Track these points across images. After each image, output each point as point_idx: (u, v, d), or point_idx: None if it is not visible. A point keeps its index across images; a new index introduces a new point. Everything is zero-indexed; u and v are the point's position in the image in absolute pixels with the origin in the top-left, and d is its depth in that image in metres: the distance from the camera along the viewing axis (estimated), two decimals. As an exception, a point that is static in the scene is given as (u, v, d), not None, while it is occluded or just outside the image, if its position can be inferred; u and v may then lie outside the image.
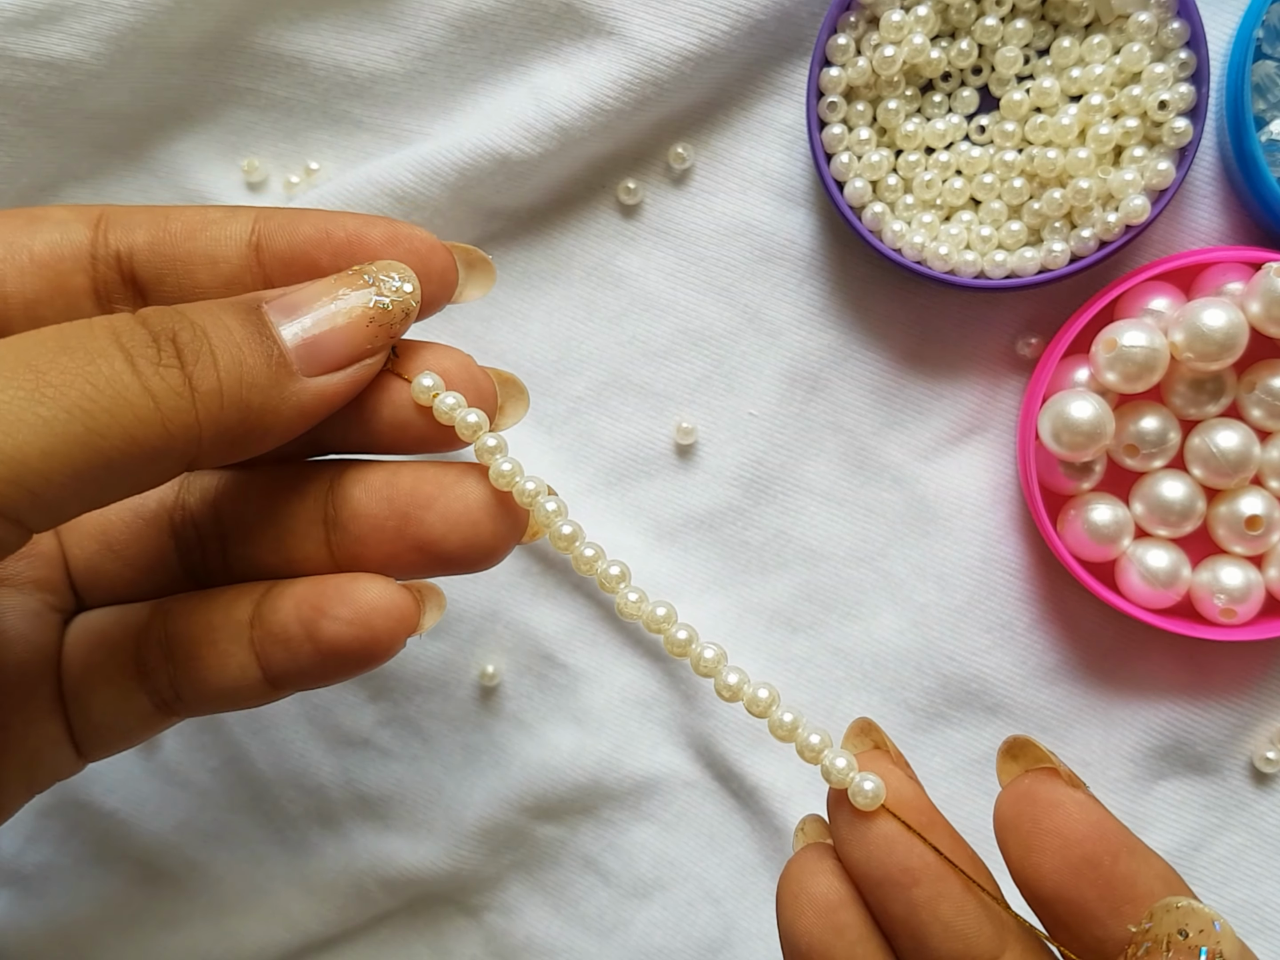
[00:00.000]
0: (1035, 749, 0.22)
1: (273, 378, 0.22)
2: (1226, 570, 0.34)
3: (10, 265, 0.24)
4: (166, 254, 0.24)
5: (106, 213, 0.25)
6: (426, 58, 0.37)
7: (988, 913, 0.22)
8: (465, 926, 0.40)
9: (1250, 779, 0.37)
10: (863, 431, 0.38)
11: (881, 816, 0.22)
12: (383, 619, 0.24)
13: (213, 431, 0.21)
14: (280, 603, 0.24)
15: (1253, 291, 0.32)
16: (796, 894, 0.23)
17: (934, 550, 0.37)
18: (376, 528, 0.24)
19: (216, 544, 0.26)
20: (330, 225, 0.24)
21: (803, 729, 0.23)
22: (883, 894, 0.22)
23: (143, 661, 0.25)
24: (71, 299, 0.24)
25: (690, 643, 0.24)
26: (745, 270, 0.37)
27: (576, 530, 0.24)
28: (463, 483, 0.24)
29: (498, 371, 0.26)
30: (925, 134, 0.35)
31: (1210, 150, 0.36)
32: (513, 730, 0.39)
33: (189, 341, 0.21)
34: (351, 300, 0.23)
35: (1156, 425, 0.34)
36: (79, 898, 0.39)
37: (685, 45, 0.35)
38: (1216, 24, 0.35)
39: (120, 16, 0.34)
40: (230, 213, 0.25)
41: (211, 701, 0.25)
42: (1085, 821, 0.21)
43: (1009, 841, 0.22)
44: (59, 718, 0.26)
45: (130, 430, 0.20)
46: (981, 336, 0.37)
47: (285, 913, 0.39)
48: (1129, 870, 0.21)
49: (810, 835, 0.24)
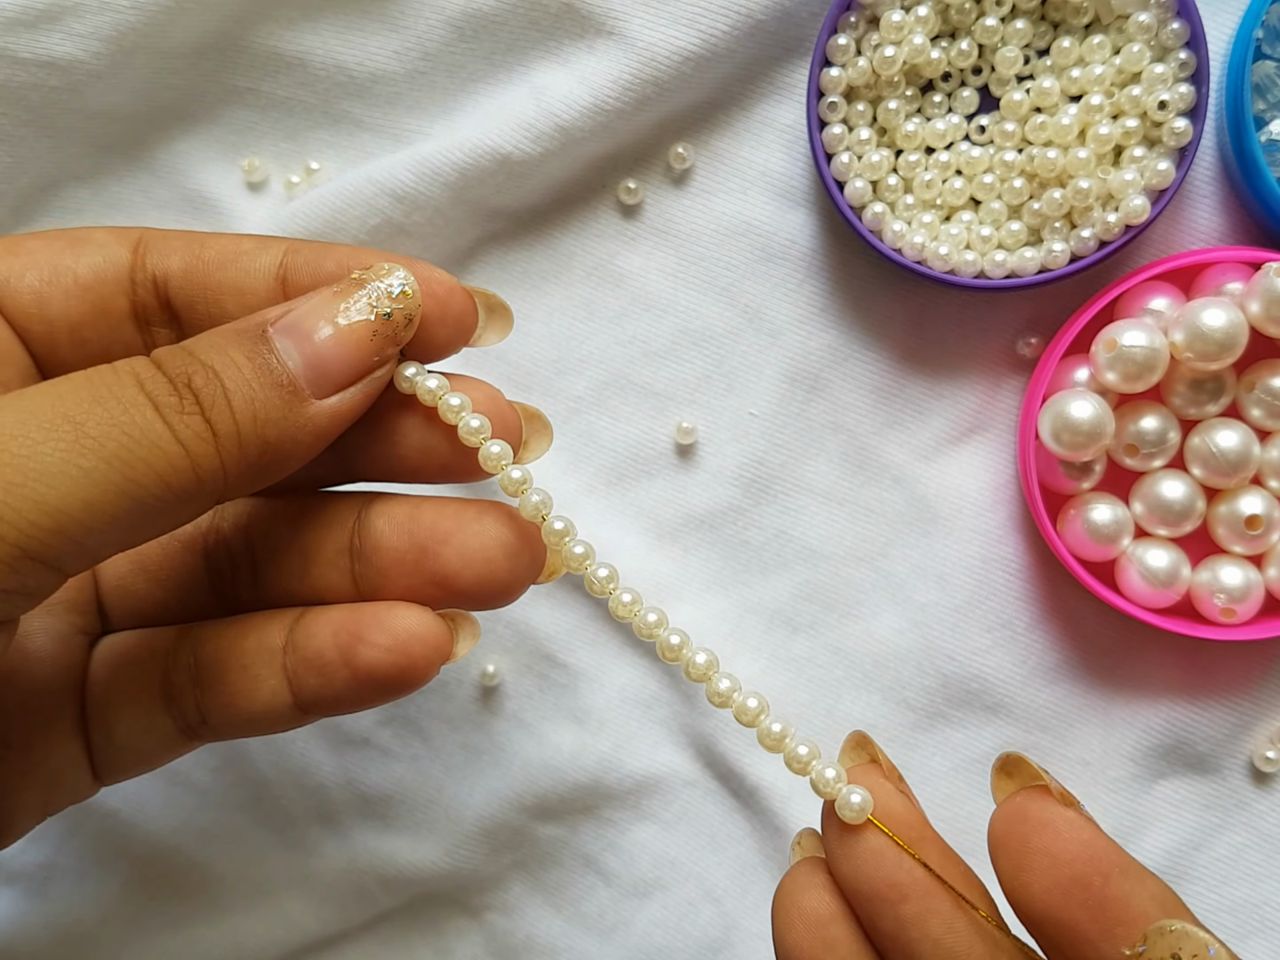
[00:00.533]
0: (1028, 766, 0.22)
1: (286, 409, 0.22)
2: (1226, 570, 0.34)
3: (55, 288, 0.25)
4: (199, 282, 0.25)
5: (145, 236, 0.25)
6: (426, 58, 0.37)
7: (979, 930, 0.21)
8: (466, 926, 0.40)
9: (1250, 779, 0.37)
10: (863, 431, 0.38)
11: (870, 830, 0.22)
12: (420, 646, 0.24)
13: (236, 469, 0.22)
14: (316, 629, 0.25)
15: (1252, 291, 0.32)
16: (788, 908, 0.23)
17: (934, 550, 0.38)
18: (397, 560, 0.25)
19: (248, 569, 0.26)
20: (354, 263, 0.24)
21: (790, 739, 0.23)
22: (872, 909, 0.22)
23: (169, 685, 0.26)
24: (113, 321, 0.25)
25: (682, 647, 0.24)
26: (745, 270, 0.37)
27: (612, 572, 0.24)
28: (481, 520, 0.25)
29: (524, 406, 0.26)
30: (925, 134, 0.35)
31: (1210, 150, 0.36)
32: (513, 730, 0.39)
33: (203, 386, 0.21)
34: (353, 314, 0.23)
35: (1156, 425, 0.34)
36: (79, 898, 0.39)
37: (685, 45, 0.35)
38: (1216, 24, 0.35)
39: (120, 16, 0.34)
40: (262, 244, 0.25)
41: (239, 726, 0.26)
42: (1075, 841, 0.21)
43: (1000, 861, 0.21)
44: (80, 740, 0.26)
45: (165, 477, 0.21)
46: (981, 336, 0.37)
47: (285, 913, 0.39)
48: (1121, 891, 0.20)
49: (806, 849, 0.24)
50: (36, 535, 0.19)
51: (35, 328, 0.25)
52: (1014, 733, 0.37)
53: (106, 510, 0.20)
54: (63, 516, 0.19)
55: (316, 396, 0.23)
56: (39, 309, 0.25)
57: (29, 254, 0.25)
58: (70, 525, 0.20)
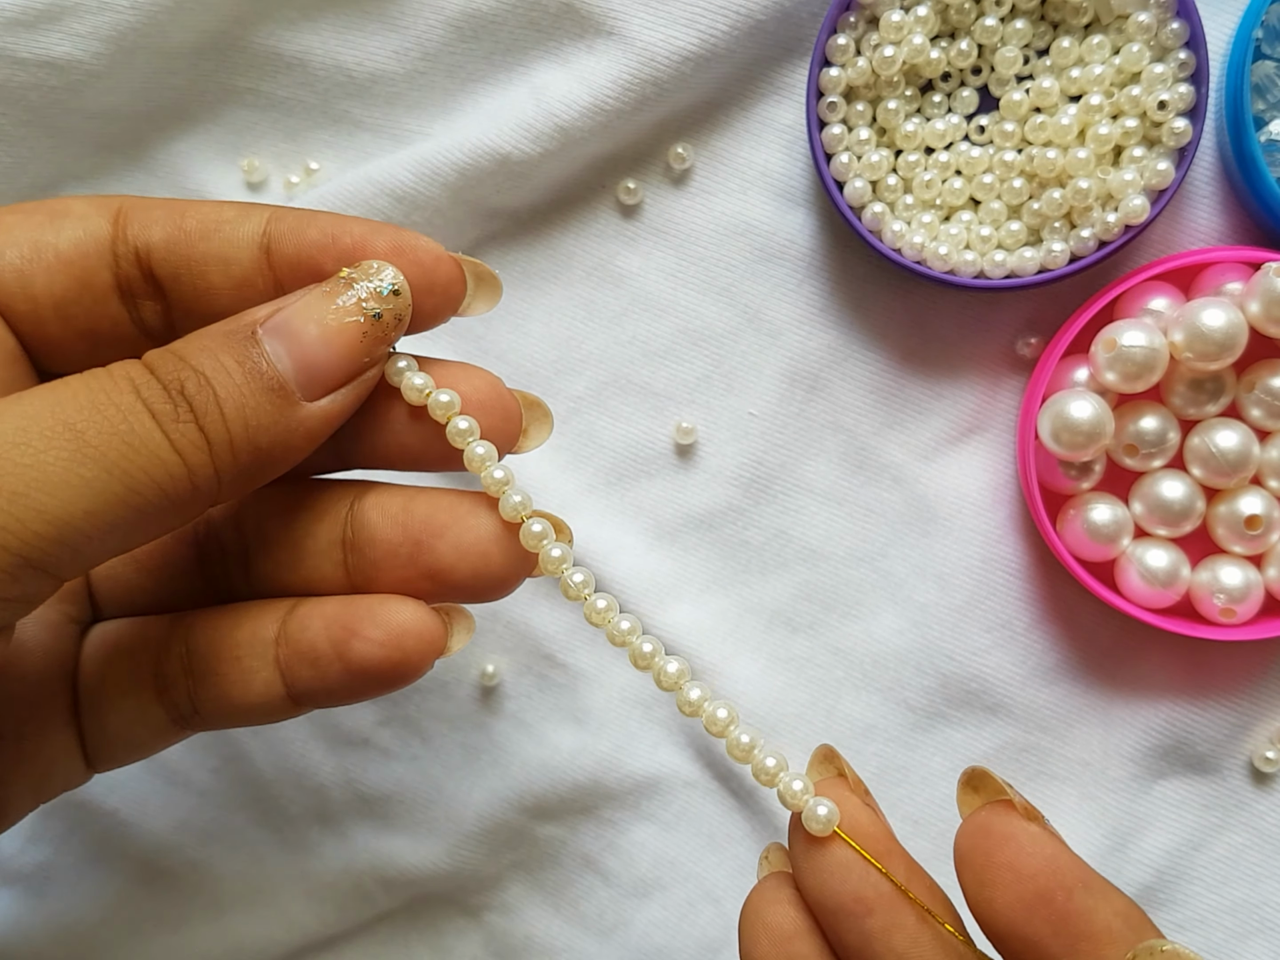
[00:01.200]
0: (993, 781, 0.22)
1: (277, 414, 0.22)
2: (1226, 570, 0.34)
3: (38, 265, 0.24)
4: (182, 253, 0.24)
5: (125, 206, 0.25)
6: (426, 58, 0.37)
7: (944, 945, 0.21)
8: (465, 926, 0.40)
9: (1250, 779, 0.37)
10: (863, 431, 0.38)
11: (836, 844, 0.22)
12: (414, 641, 0.24)
13: (230, 475, 0.22)
14: (309, 621, 0.24)
15: (1252, 291, 0.32)
16: (754, 923, 0.23)
17: (934, 550, 0.37)
18: (391, 553, 0.25)
19: (239, 558, 0.26)
20: (337, 231, 0.24)
21: (759, 750, 0.23)
22: (837, 923, 0.22)
23: (161, 675, 0.26)
24: (98, 295, 0.25)
25: (654, 655, 0.24)
26: (745, 270, 0.37)
27: (588, 577, 0.24)
28: (476, 513, 0.24)
29: (524, 394, 0.26)
30: (925, 134, 0.35)
31: (1210, 150, 0.36)
32: (513, 730, 0.39)
33: (195, 393, 0.21)
34: (343, 315, 0.23)
35: (1156, 425, 0.34)
36: (79, 898, 0.39)
37: (685, 45, 0.35)
38: (1216, 24, 0.35)
39: (120, 16, 0.34)
40: (243, 212, 0.24)
41: (231, 717, 0.26)
42: (1039, 856, 0.21)
43: (964, 875, 0.21)
44: (72, 728, 0.26)
45: (163, 485, 0.21)
46: (981, 336, 0.37)
47: (285, 913, 0.39)
48: (1084, 906, 0.20)
49: (774, 864, 0.24)
50: (38, 544, 0.19)
51: (20, 307, 0.24)
52: (1014, 733, 0.37)
53: (106, 518, 0.20)
54: (64, 526, 0.19)
55: (307, 399, 0.22)
56: (22, 288, 0.24)
57: (7, 230, 0.24)
58: (71, 534, 0.20)
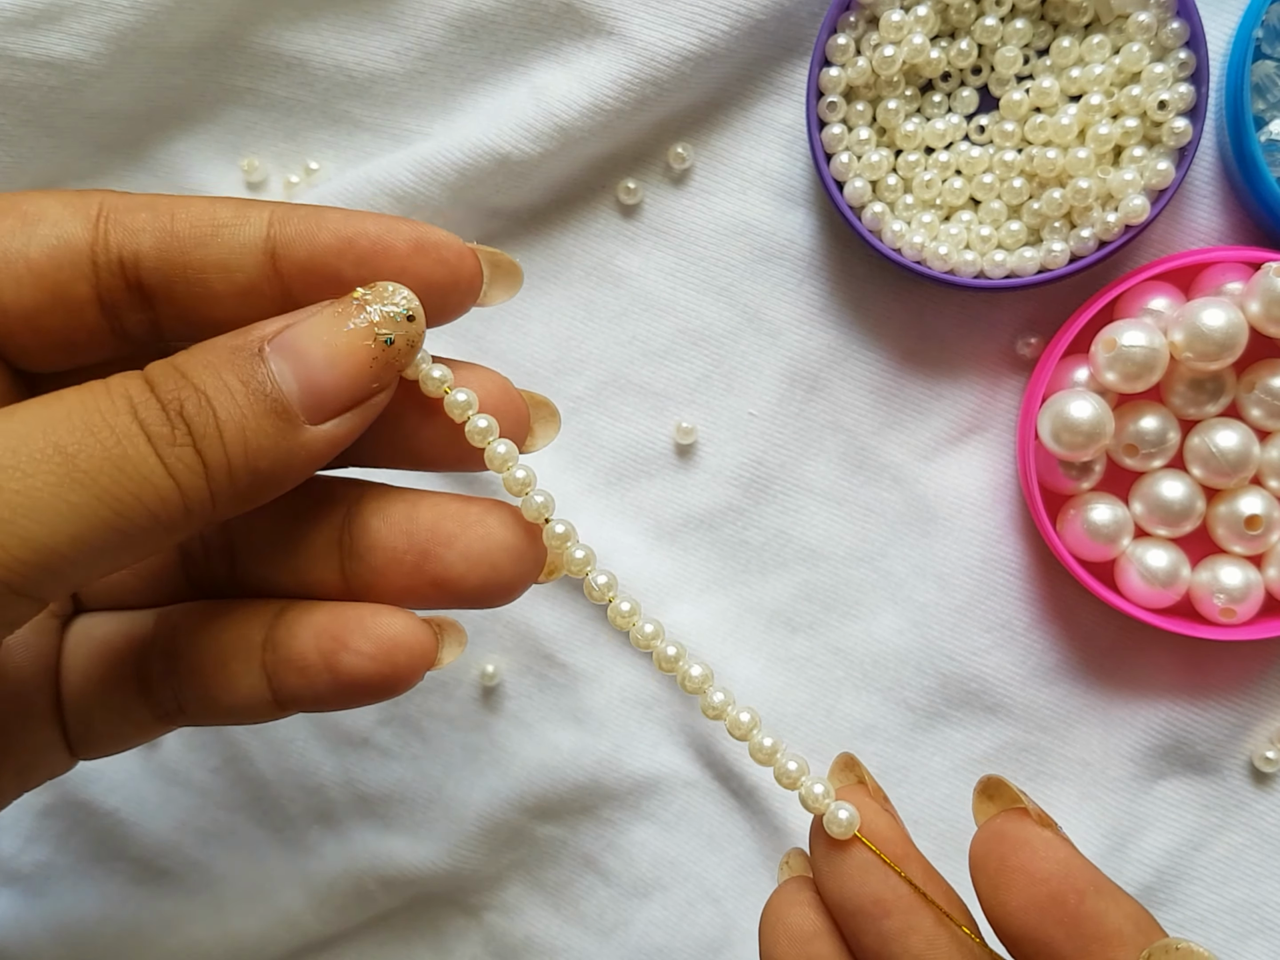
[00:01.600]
0: (1008, 789, 0.23)
1: (279, 436, 0.21)
2: (1226, 570, 0.34)
3: (6, 275, 0.23)
4: (176, 261, 0.23)
5: (105, 206, 0.23)
6: (426, 58, 0.37)
7: (960, 947, 0.22)
8: (465, 926, 0.40)
9: (1250, 779, 0.37)
10: (863, 431, 0.38)
11: (856, 847, 0.22)
12: (404, 654, 0.24)
13: (226, 499, 0.21)
14: (297, 630, 0.24)
15: (1252, 291, 0.32)
16: (774, 924, 0.23)
17: (934, 550, 0.37)
18: (394, 560, 0.24)
19: (223, 558, 0.26)
20: (352, 233, 0.23)
21: (781, 754, 0.23)
22: (856, 925, 0.22)
23: (145, 672, 0.25)
24: (74, 308, 0.23)
25: (678, 659, 0.24)
26: (745, 270, 0.37)
27: (611, 579, 0.24)
28: (485, 521, 0.24)
29: (531, 394, 0.25)
30: (925, 134, 0.35)
31: (1210, 150, 0.36)
32: (513, 730, 0.39)
33: (195, 414, 0.21)
34: (353, 338, 0.22)
35: (1156, 425, 0.34)
36: (79, 898, 0.39)
37: (685, 45, 0.35)
38: (1216, 24, 0.35)
39: (120, 16, 0.34)
40: (240, 213, 0.23)
41: (217, 716, 0.25)
42: (1052, 860, 0.21)
43: (979, 880, 0.22)
44: (56, 721, 0.26)
45: (153, 509, 0.20)
46: (981, 336, 0.37)
47: (285, 913, 0.39)
48: (1096, 909, 0.21)
49: (794, 868, 0.25)
50: (21, 570, 0.19)
51: None
52: (1014, 733, 0.37)
53: (93, 543, 0.19)
54: (50, 552, 0.19)
55: (311, 422, 0.22)
56: None
57: None
58: (56, 560, 0.19)
